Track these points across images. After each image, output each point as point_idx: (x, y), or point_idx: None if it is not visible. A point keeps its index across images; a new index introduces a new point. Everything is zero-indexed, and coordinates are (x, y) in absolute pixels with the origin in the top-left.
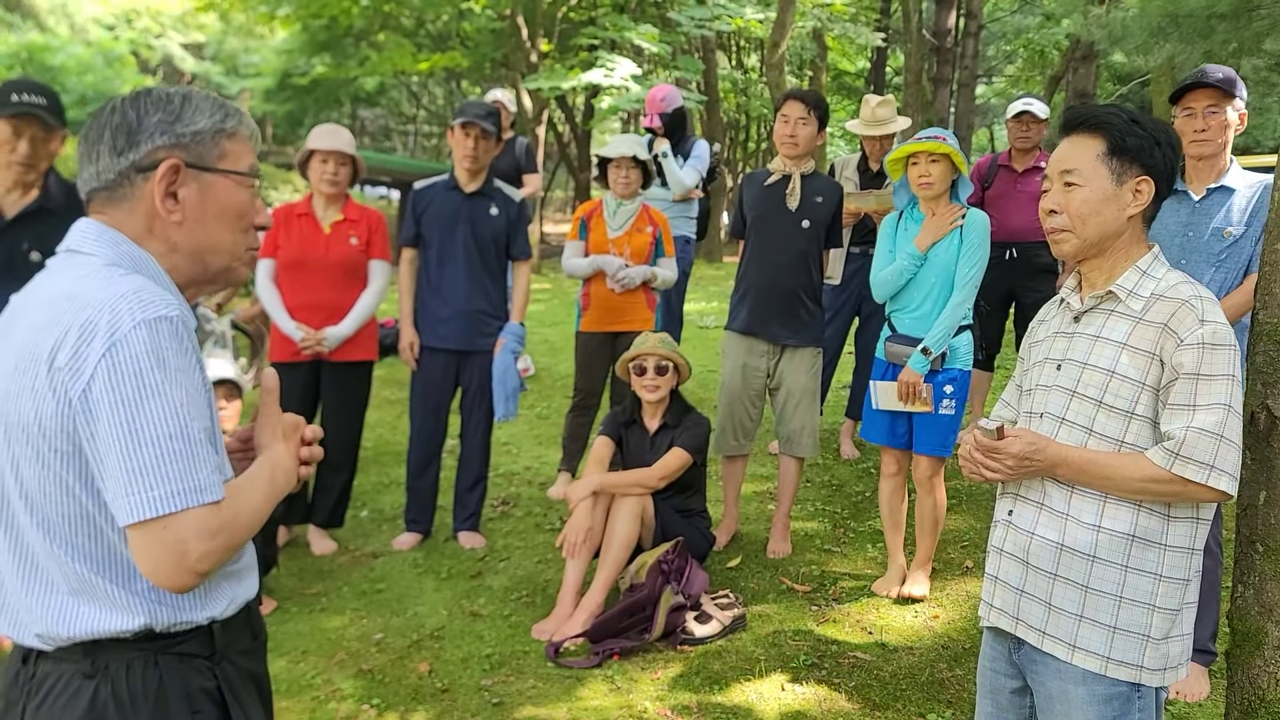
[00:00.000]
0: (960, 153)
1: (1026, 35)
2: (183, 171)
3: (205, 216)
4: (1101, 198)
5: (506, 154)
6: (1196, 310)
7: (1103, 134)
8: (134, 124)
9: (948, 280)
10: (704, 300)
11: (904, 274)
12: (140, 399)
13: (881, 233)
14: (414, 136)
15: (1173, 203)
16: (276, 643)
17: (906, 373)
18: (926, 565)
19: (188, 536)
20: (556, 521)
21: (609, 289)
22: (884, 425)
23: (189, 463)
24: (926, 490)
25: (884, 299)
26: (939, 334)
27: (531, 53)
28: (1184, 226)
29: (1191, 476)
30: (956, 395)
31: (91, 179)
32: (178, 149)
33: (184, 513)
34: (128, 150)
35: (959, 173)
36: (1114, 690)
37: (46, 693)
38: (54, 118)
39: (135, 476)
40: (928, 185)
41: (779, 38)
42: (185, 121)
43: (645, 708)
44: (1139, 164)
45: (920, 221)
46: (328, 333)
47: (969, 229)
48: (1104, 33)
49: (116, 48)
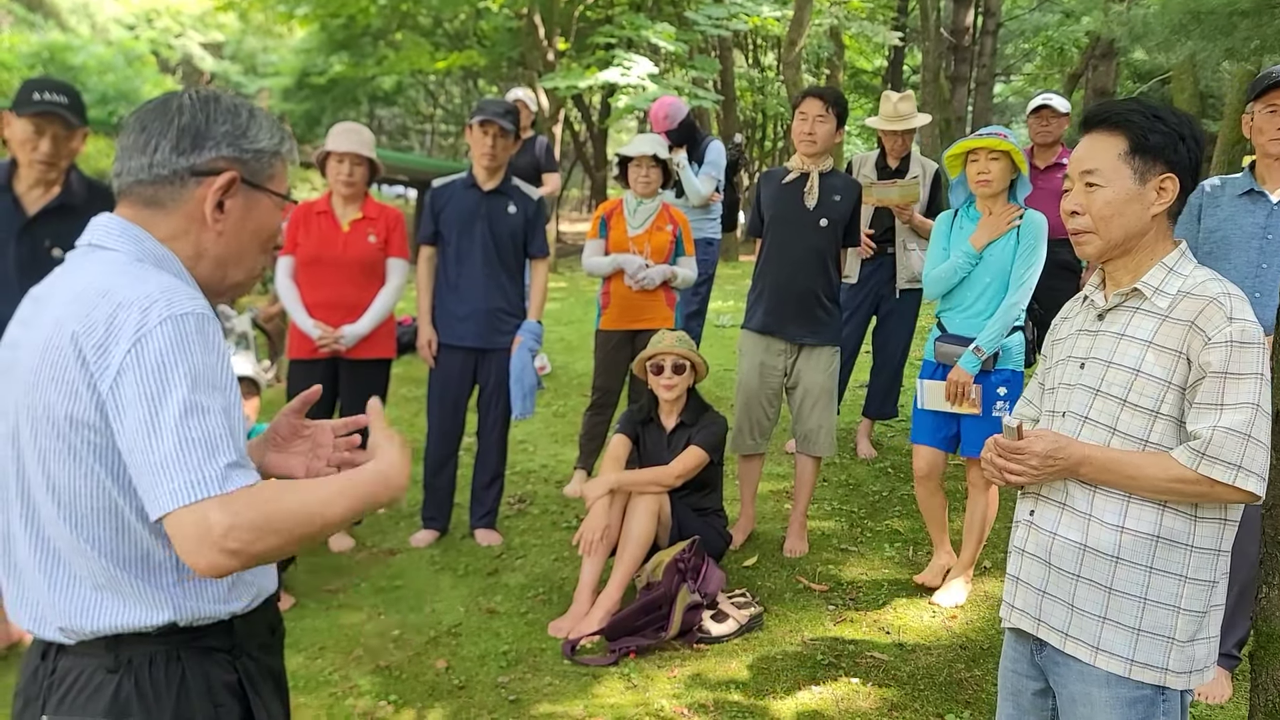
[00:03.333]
0: (1021, 152)
1: (1045, 33)
2: (237, 185)
3: (243, 231)
4: (1125, 198)
5: (526, 152)
6: (1225, 308)
7: (1124, 132)
8: (202, 128)
9: (1002, 281)
10: (721, 299)
11: (959, 272)
12: (164, 393)
13: (936, 230)
14: (431, 135)
15: (1248, 203)
16: (294, 639)
17: (956, 372)
18: (967, 571)
19: (218, 521)
20: (573, 519)
21: (629, 287)
22: (930, 426)
23: (210, 451)
24: (980, 492)
25: (936, 297)
26: (992, 334)
27: (548, 52)
28: (1262, 229)
29: (1218, 477)
30: (1010, 397)
31: (140, 170)
32: (238, 163)
33: (206, 501)
34: (191, 152)
35: (1018, 172)
36: (1138, 693)
37: (69, 688)
38: (75, 116)
39: (160, 469)
40: (986, 183)
41: (796, 36)
42: (250, 138)
43: (661, 706)
44: (1163, 161)
45: (976, 220)
46: (345, 331)
47: (1026, 229)
48: (1124, 29)
49: (137, 47)
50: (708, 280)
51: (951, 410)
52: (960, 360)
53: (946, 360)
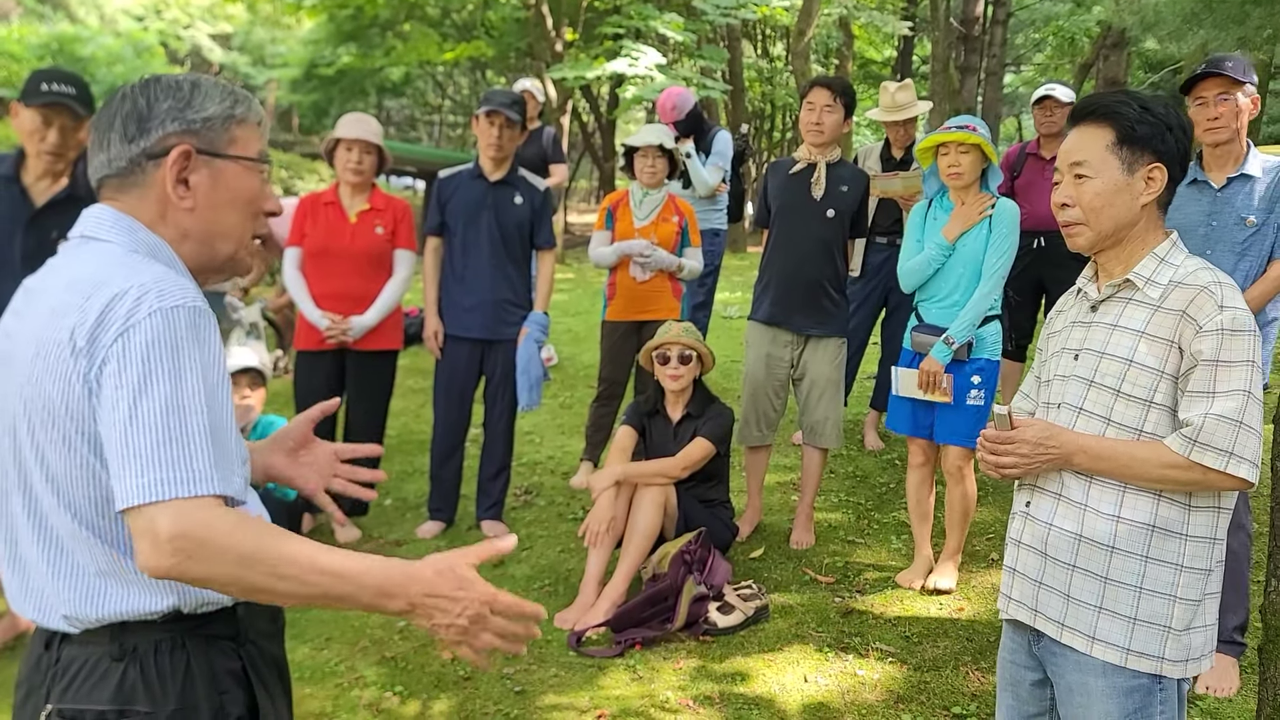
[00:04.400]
0: (990, 142)
1: (1056, 22)
2: (194, 157)
3: (216, 202)
4: (1113, 188)
5: (533, 143)
6: (1216, 296)
7: (1111, 123)
8: (144, 111)
9: (976, 270)
10: (729, 290)
11: (932, 264)
12: (144, 385)
13: (910, 222)
14: (439, 126)
15: (1194, 192)
16: (300, 630)
17: (928, 362)
18: (955, 557)
19: (166, 525)
20: (579, 511)
21: (634, 278)
22: (907, 414)
23: (183, 451)
24: (956, 480)
25: (912, 289)
26: (963, 324)
27: (556, 42)
28: (1206, 216)
29: (1210, 464)
30: (985, 385)
31: (102, 166)
32: (188, 135)
33: (171, 502)
34: (139, 137)
35: (989, 162)
36: (1135, 682)
37: (73, 676)
38: (83, 107)
39: (129, 461)
40: (957, 175)
41: (804, 26)
42: (195, 108)
43: (667, 698)
44: (1150, 151)
45: (949, 211)
46: (353, 322)
47: (998, 219)
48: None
49: (146, 39)
50: (714, 271)
51: (924, 398)
52: (931, 350)
53: (921, 349)
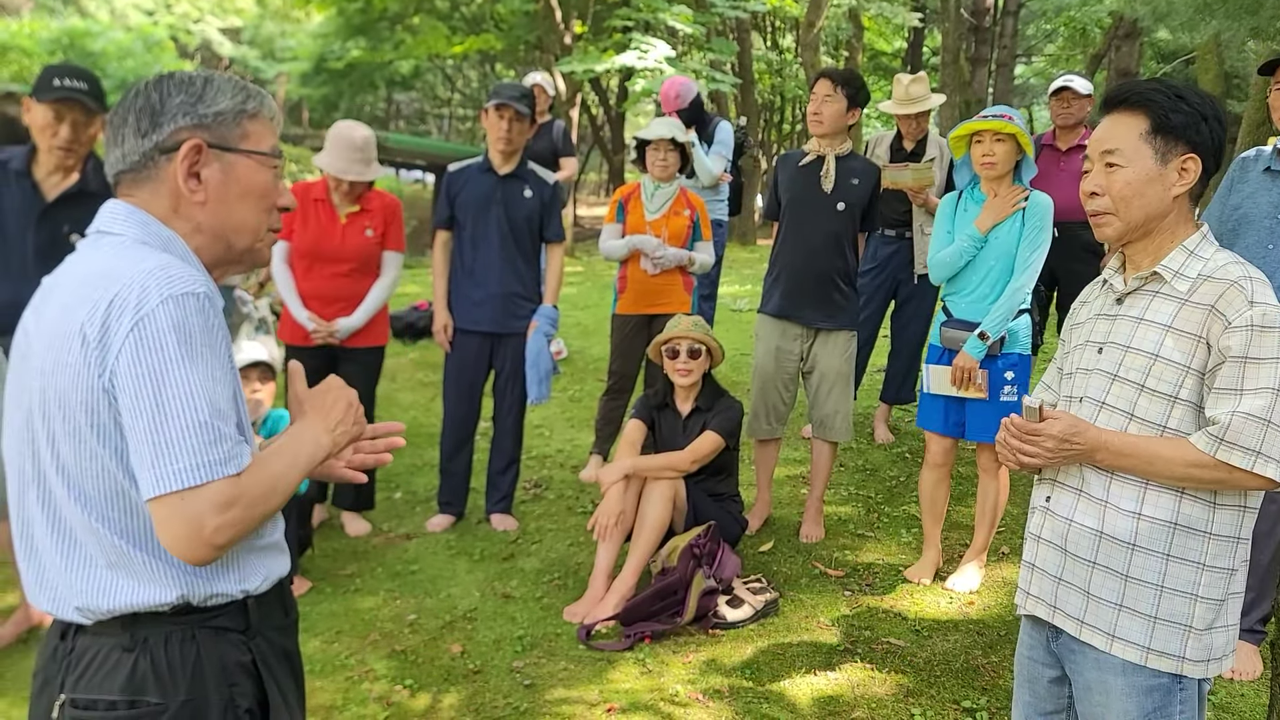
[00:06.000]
0: (1026, 133)
1: (1067, 13)
2: (205, 152)
3: (228, 196)
4: (1145, 178)
5: (543, 137)
6: (1246, 291)
7: (1145, 111)
8: (157, 106)
9: (1007, 264)
10: (737, 283)
11: (964, 255)
12: (164, 373)
13: (940, 213)
14: (449, 120)
15: (1266, 181)
16: (310, 623)
17: (962, 358)
18: (981, 556)
19: (204, 510)
20: (588, 504)
21: (645, 271)
22: (938, 412)
23: (209, 436)
24: (991, 477)
25: (941, 280)
26: (998, 318)
27: (565, 35)
28: (1275, 208)
29: (1237, 463)
30: (1018, 380)
31: (117, 161)
32: (200, 130)
33: (203, 486)
34: (151, 132)
35: (1023, 153)
36: (1154, 681)
37: (86, 666)
38: (94, 102)
39: (157, 450)
40: (990, 165)
41: (814, 17)
42: (207, 103)
43: (676, 691)
44: (1185, 141)
45: (981, 202)
46: (339, 324)
47: (1031, 211)
48: (1148, 9)
49: (156, 33)
50: (717, 262)
51: (958, 395)
52: (965, 345)
53: (952, 345)
